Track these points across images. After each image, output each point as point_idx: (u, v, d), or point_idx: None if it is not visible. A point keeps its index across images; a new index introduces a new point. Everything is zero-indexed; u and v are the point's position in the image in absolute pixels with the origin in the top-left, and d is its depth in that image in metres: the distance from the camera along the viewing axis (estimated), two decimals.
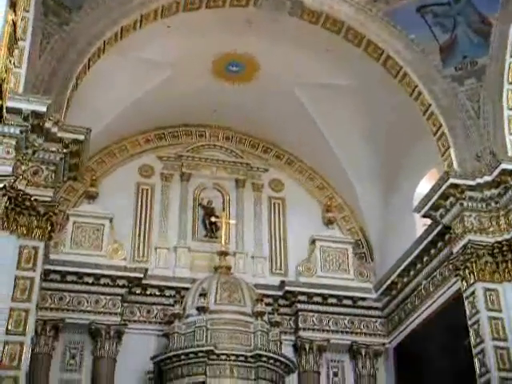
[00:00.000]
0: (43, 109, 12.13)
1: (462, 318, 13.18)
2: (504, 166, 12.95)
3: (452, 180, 13.35)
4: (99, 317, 15.36)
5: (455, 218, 13.57)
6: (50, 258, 15.02)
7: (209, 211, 17.70)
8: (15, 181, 12.28)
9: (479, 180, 13.30)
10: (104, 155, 17.76)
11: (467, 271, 13.12)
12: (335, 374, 16.58)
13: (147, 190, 17.76)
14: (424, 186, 15.78)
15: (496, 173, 13.03)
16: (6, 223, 12.25)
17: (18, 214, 12.47)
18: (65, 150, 13.06)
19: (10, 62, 7.67)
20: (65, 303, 15.32)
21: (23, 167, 12.69)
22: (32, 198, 12.53)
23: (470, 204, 13.40)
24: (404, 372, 16.00)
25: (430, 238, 14.71)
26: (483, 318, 12.58)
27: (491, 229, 13.17)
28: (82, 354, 15.36)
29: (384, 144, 16.86)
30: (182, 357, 14.26)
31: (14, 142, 12.18)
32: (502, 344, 12.35)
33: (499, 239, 13.02)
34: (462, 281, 13.36)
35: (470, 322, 12.93)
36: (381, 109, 16.19)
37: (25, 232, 12.54)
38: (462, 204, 13.40)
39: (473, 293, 12.96)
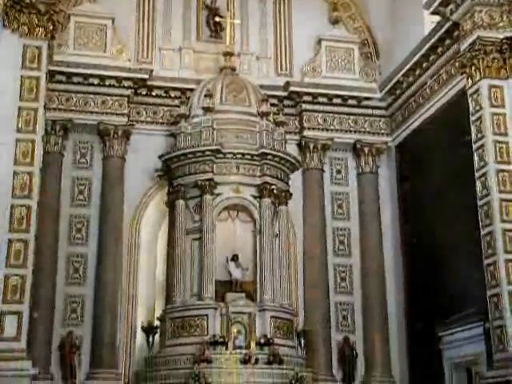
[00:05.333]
0: None
1: (464, 116, 13.35)
2: None
3: None
4: (106, 117, 15.62)
5: (465, 13, 13.23)
6: (55, 59, 15.00)
7: (213, 11, 17.21)
8: None
9: None
10: None
11: (473, 68, 13.08)
12: (338, 172, 17.06)
13: None
14: None
15: None
16: (6, 21, 12.18)
17: (19, 11, 12.39)
18: None
19: None
20: (72, 104, 15.52)
21: None
22: None
23: None
24: (405, 169, 16.49)
25: (437, 35, 14.43)
26: (486, 114, 12.76)
27: (501, 24, 12.91)
28: (92, 153, 15.84)
29: None
30: (190, 155, 14.62)
31: None
32: (501, 138, 12.65)
33: (509, 35, 12.84)
34: (467, 78, 13.34)
35: (472, 119, 13.11)
36: None
37: (27, 31, 12.48)
38: None
39: (477, 90, 13.01)
